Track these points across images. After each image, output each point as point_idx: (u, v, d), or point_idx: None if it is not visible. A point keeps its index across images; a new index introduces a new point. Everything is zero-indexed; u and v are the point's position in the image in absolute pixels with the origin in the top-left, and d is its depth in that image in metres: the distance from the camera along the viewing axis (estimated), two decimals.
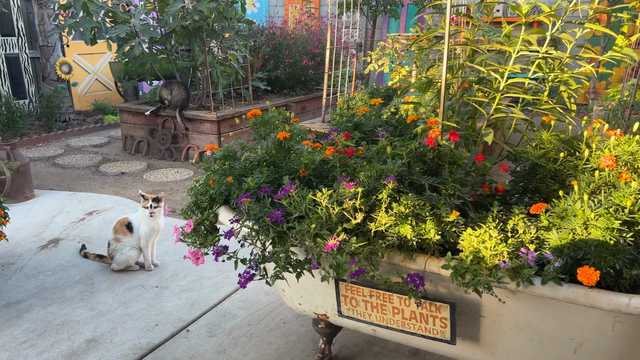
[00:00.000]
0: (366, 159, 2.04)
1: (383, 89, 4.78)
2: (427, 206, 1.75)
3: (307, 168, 2.03)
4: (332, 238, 1.65)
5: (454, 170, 1.88)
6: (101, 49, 8.88)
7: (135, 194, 4.68)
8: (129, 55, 5.48)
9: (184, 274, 3.12)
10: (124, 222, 3.11)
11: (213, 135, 5.70)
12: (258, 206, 1.85)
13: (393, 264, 1.82)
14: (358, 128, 2.46)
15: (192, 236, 2.23)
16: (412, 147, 1.88)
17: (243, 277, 1.78)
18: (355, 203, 1.75)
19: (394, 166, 1.80)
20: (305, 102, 7.15)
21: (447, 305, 1.78)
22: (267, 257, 1.82)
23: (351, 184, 1.74)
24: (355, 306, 1.97)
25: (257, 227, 1.88)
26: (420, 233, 1.72)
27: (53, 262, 3.28)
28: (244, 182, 2.05)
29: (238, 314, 2.70)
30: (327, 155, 1.97)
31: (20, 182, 4.39)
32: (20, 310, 2.73)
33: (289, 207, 1.80)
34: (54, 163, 5.74)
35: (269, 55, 6.94)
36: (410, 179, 1.85)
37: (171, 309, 2.74)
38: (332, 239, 1.65)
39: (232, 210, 2.21)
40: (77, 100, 8.53)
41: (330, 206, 1.75)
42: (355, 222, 1.73)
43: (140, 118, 6.13)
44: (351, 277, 1.64)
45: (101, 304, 2.80)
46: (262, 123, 2.28)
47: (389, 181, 1.75)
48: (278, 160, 2.13)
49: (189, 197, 2.27)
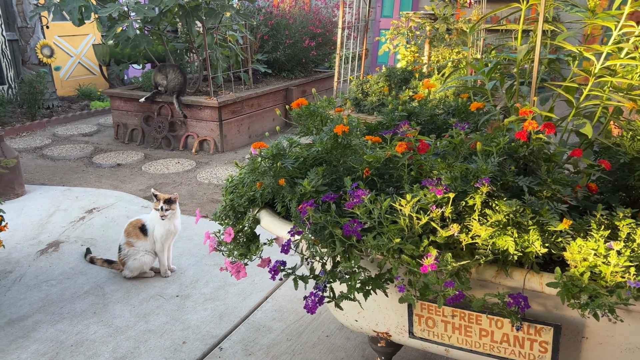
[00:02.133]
0: (439, 156, 1.76)
1: (400, 71, 4.48)
2: (529, 213, 1.48)
3: (370, 167, 1.74)
4: (427, 256, 1.37)
5: (551, 169, 1.61)
6: (84, 31, 8.36)
7: (136, 188, 4.33)
8: (121, 36, 5.06)
9: (205, 280, 2.83)
10: (136, 224, 2.79)
11: (214, 123, 5.34)
12: (323, 215, 1.56)
13: (483, 280, 1.55)
14: (412, 117, 2.17)
15: (232, 246, 1.94)
16: (502, 142, 1.60)
17: (311, 301, 1.49)
18: (445, 211, 1.47)
19: (488, 166, 1.52)
20: (306, 85, 6.81)
21: (550, 328, 1.53)
22: (338, 275, 1.54)
23: (440, 189, 1.46)
24: (431, 327, 1.71)
25: (312, 238, 1.60)
26: (523, 246, 1.46)
27: (56, 269, 2.94)
28: (298, 184, 1.76)
29: (274, 327, 2.42)
30: (398, 152, 1.68)
31: (10, 177, 4.00)
32: (25, 329, 2.41)
33: (363, 217, 1.52)
34: (43, 154, 5.32)
35: (268, 35, 6.56)
36: (503, 180, 1.58)
37: (198, 323, 2.45)
38: (427, 257, 1.37)
39: (276, 215, 1.92)
40: (60, 86, 8.03)
41: (415, 215, 1.46)
42: (448, 235, 1.45)
43: (133, 105, 5.73)
44: (449, 302, 1.38)
45: (117, 318, 2.49)
46: (308, 114, 1.97)
47: (483, 184, 1.47)
48: (333, 158, 1.84)
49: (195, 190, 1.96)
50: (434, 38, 4.76)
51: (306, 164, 1.90)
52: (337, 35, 7.11)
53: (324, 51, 7.02)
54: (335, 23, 7.27)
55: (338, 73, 4.56)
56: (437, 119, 2.16)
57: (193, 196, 4.15)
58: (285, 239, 1.84)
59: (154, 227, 2.76)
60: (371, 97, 4.37)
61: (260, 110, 5.97)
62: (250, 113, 5.79)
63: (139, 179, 4.57)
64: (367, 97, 4.40)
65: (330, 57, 7.57)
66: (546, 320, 1.55)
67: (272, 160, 1.79)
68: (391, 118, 2.12)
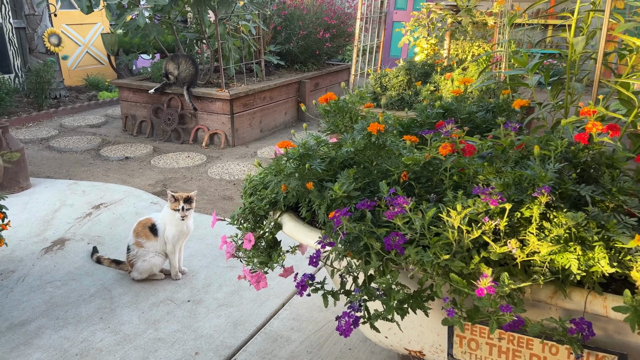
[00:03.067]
0: (485, 159, 1.59)
1: (420, 65, 4.28)
2: (594, 227, 1.31)
3: (408, 171, 1.57)
4: (482, 276, 1.20)
5: (615, 177, 1.43)
6: (92, 19, 8.21)
7: (145, 183, 4.18)
8: (130, 25, 4.89)
9: (218, 284, 2.67)
10: (146, 223, 2.63)
11: (225, 116, 5.17)
12: (358, 226, 1.39)
13: (537, 301, 1.38)
14: (447, 114, 1.99)
15: (251, 253, 1.77)
16: (560, 145, 1.42)
17: (345, 322, 1.33)
18: (499, 224, 1.29)
19: (547, 172, 1.35)
20: (319, 78, 6.61)
21: (614, 357, 1.36)
22: (375, 293, 1.37)
23: (495, 198, 1.28)
24: (474, 350, 1.54)
25: (344, 250, 1.43)
26: (587, 264, 1.28)
27: (61, 270, 2.79)
28: (326, 188, 1.59)
29: (292, 338, 2.26)
30: (441, 154, 1.50)
31: (15, 170, 3.85)
32: (28, 335, 2.26)
33: (404, 229, 1.34)
34: (49, 146, 5.18)
35: (281, 26, 6.36)
36: (562, 188, 1.40)
37: (211, 331, 2.29)
38: (483, 277, 1.20)
39: (300, 220, 1.75)
40: (68, 75, 7.89)
41: (465, 228, 1.29)
42: (504, 252, 1.28)
43: (142, 96, 5.56)
44: (505, 329, 1.21)
45: (125, 324, 2.34)
46: (337, 110, 1.79)
47: (542, 193, 1.29)
48: (365, 159, 1.66)
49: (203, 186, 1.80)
50: (455, 30, 4.56)
51: (333, 164, 1.73)
52: (351, 27, 6.92)
53: (338, 43, 6.82)
54: (350, 14, 7.06)
55: (355, 66, 4.38)
56: (476, 117, 1.98)
57: (204, 192, 3.99)
58: (310, 247, 1.68)
59: (165, 227, 2.60)
60: (390, 91, 4.18)
61: (272, 103, 5.79)
62: (262, 106, 5.61)
63: (148, 173, 4.41)
64: (386, 91, 4.22)
65: (344, 50, 7.37)
66: (608, 348, 1.38)
67: (298, 161, 1.61)
68: (426, 115, 1.94)
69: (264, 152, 5.05)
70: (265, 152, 5.07)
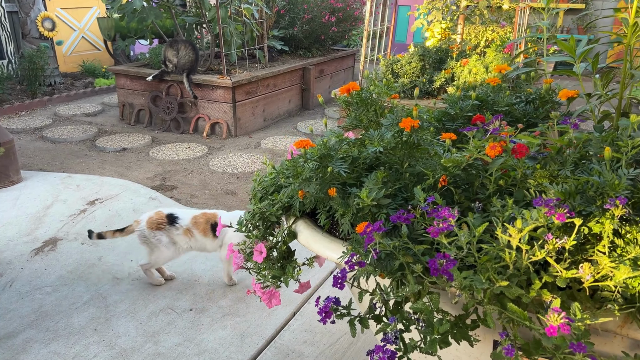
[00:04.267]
0: (537, 161, 1.36)
1: (434, 50, 4.03)
2: None
3: (448, 174, 1.34)
4: (553, 311, 0.98)
5: None
6: (87, 3, 7.92)
7: (143, 176, 3.95)
8: (127, 8, 4.63)
9: (223, 290, 2.46)
10: (211, 219, 2.42)
11: (227, 104, 4.92)
12: (392, 243, 1.17)
13: (605, 331, 1.17)
14: (484, 106, 1.76)
15: (263, 266, 1.55)
16: (631, 145, 1.20)
17: (379, 358, 1.11)
18: (565, 243, 1.07)
19: (621, 180, 1.12)
20: (324, 64, 6.34)
21: None
22: (412, 321, 1.15)
23: (562, 212, 1.06)
24: None
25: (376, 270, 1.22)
26: None
27: (52, 273, 2.58)
28: (351, 194, 1.36)
29: (305, 352, 2.05)
30: (489, 155, 1.27)
31: (4, 163, 3.63)
32: (14, 349, 2.05)
33: (452, 249, 1.12)
34: (42, 136, 4.94)
35: (285, 9, 6.08)
36: (636, 198, 1.17)
37: (216, 345, 2.09)
38: (553, 312, 0.98)
39: (318, 228, 1.53)
40: (62, 62, 7.61)
41: (525, 247, 1.07)
42: (570, 276, 1.06)
43: (140, 83, 5.31)
44: None
45: (122, 337, 2.13)
46: (360, 103, 1.56)
47: (617, 204, 1.07)
48: (395, 160, 1.44)
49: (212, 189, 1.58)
50: (471, 14, 4.30)
51: (356, 166, 1.50)
52: (358, 11, 6.63)
53: (344, 27, 6.54)
54: None
55: (365, 51, 4.12)
56: (515, 110, 1.75)
57: (206, 186, 3.77)
58: (329, 259, 1.46)
59: (228, 232, 2.38)
60: (402, 78, 3.93)
61: (276, 90, 5.54)
62: (265, 94, 5.36)
63: (146, 166, 4.19)
64: (398, 78, 3.97)
65: (350, 35, 7.09)
66: None
67: (319, 163, 1.39)
68: (460, 107, 1.71)
69: (268, 143, 4.81)
70: (269, 142, 4.84)
